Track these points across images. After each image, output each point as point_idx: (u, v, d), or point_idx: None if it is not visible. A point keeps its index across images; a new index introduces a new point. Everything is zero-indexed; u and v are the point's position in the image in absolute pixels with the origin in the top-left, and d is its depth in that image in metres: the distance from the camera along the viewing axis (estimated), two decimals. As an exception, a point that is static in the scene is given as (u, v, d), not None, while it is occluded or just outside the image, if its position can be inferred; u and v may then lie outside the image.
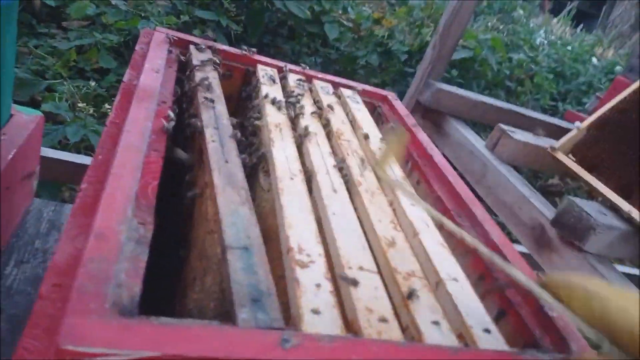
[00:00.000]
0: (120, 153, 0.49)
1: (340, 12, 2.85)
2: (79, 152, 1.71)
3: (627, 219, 0.95)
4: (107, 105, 1.71)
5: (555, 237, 0.96)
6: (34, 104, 1.85)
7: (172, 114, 0.61)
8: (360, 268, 0.50)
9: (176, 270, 0.63)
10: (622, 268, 1.87)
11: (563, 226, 0.94)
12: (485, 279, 0.62)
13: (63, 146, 1.73)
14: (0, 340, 0.80)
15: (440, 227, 0.68)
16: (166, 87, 0.70)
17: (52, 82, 1.93)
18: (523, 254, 0.79)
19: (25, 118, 0.97)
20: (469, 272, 0.59)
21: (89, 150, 1.66)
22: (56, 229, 1.08)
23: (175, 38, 0.85)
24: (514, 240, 1.39)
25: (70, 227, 0.41)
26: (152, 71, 0.70)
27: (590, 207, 0.92)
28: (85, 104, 1.56)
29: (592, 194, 1.33)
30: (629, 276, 1.03)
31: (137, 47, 0.79)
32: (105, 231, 0.39)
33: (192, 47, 0.85)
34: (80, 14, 2.22)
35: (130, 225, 0.42)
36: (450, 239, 0.67)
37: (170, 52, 0.81)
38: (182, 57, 0.83)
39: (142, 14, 2.11)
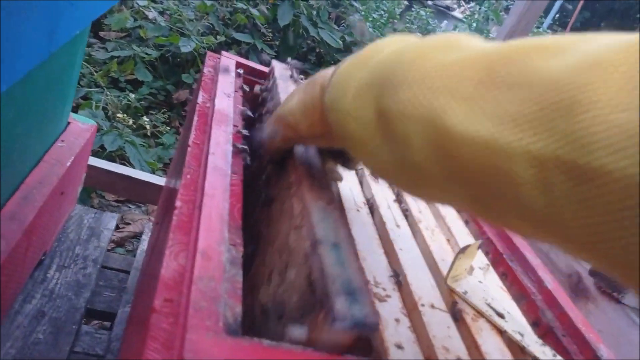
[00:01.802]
0: (210, 175, 0.51)
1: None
2: (111, 161, 1.74)
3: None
4: (145, 118, 1.74)
5: (592, 286, 0.97)
6: (68, 109, 1.89)
7: (247, 148, 0.62)
8: (432, 306, 0.51)
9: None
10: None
11: (601, 277, 0.95)
12: (539, 325, 0.63)
13: (94, 153, 1.76)
14: (43, 343, 0.81)
15: (495, 266, 0.69)
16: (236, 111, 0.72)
17: (88, 90, 1.97)
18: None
19: (81, 126, 1.00)
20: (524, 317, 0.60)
21: (122, 159, 1.68)
22: (95, 236, 1.10)
23: (240, 63, 0.88)
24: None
25: (172, 243, 0.43)
26: (225, 95, 0.72)
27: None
28: (125, 115, 1.59)
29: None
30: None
31: (205, 70, 0.82)
32: (208, 251, 0.41)
33: (274, 62, 0.86)
34: (121, 26, 2.27)
35: (226, 246, 0.44)
36: (504, 280, 0.69)
37: (238, 76, 0.83)
38: (246, 86, 0.86)
39: (183, 32, 2.16)
